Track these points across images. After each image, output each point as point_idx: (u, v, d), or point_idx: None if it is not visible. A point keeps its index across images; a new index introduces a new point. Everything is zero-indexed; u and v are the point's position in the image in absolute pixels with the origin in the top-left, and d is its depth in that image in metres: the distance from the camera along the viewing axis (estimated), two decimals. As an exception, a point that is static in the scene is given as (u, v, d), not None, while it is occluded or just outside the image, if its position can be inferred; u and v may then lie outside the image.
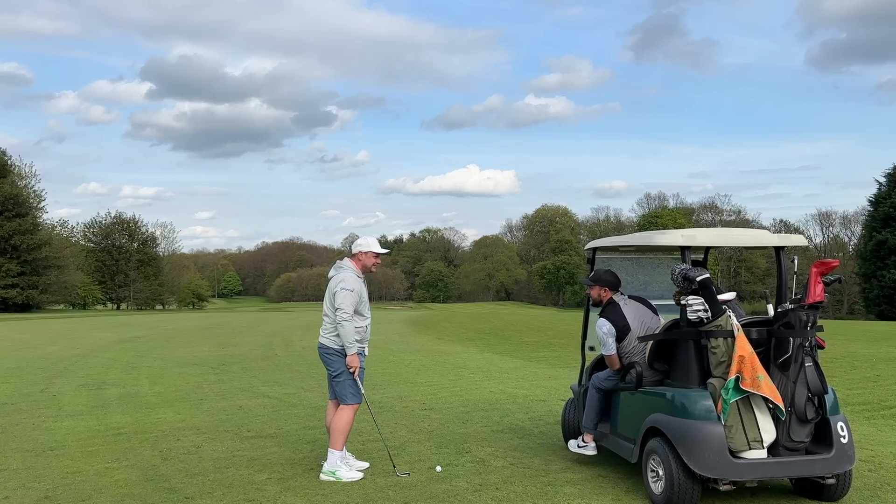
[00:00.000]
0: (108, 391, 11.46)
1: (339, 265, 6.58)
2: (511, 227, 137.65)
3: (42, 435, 8.16)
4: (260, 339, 22.94)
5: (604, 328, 6.25)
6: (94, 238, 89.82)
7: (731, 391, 5.21)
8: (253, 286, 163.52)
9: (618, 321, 6.24)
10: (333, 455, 6.37)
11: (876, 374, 13.28)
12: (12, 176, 69.04)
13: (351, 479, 6.25)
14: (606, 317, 6.30)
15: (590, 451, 6.58)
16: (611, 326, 6.22)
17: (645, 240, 6.48)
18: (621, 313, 6.29)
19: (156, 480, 6.29)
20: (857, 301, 66.52)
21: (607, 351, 6.26)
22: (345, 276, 6.44)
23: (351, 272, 6.50)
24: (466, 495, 5.80)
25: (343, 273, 6.47)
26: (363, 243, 6.60)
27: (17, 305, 64.36)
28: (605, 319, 6.29)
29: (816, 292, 5.50)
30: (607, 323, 6.25)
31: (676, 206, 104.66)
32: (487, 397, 10.74)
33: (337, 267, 6.58)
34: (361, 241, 6.64)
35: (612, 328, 6.21)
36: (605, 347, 6.25)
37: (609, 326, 6.23)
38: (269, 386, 12.01)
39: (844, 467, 5.39)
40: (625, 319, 6.25)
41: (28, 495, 5.89)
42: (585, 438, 6.61)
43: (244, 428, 8.49)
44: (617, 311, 6.31)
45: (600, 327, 6.28)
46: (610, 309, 6.37)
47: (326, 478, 6.28)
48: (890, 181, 55.59)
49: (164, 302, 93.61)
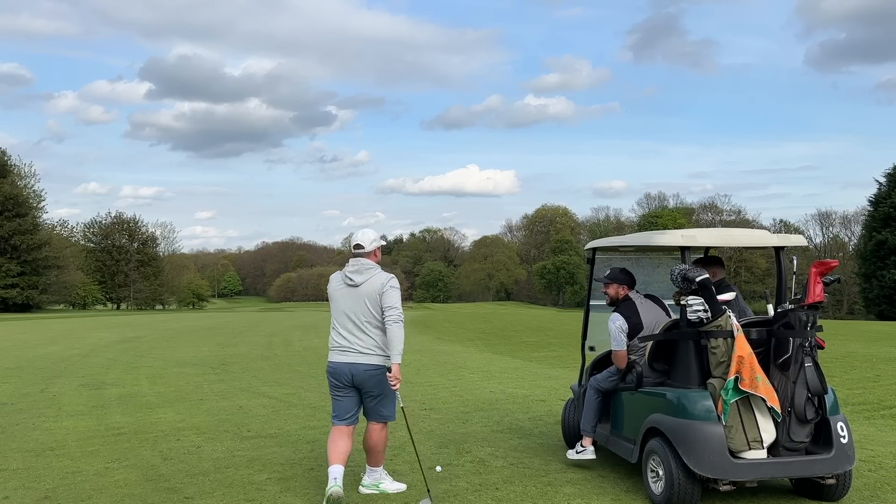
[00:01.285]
0: (108, 391, 11.46)
1: (366, 265, 5.72)
2: (511, 227, 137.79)
3: (42, 435, 8.16)
4: (260, 339, 22.94)
5: (616, 322, 6.19)
6: (94, 238, 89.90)
7: (731, 391, 5.21)
8: (253, 286, 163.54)
9: (632, 318, 6.19)
10: (376, 471, 6.01)
11: (876, 374, 13.28)
12: (12, 176, 69.12)
13: (397, 490, 5.94)
14: (621, 312, 6.24)
15: (588, 456, 6.47)
16: (624, 322, 6.17)
17: (645, 240, 6.48)
18: (636, 310, 6.23)
19: (156, 480, 6.28)
20: (856, 301, 66.50)
21: (617, 346, 6.18)
22: (389, 274, 5.72)
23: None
24: (466, 495, 5.80)
25: (383, 272, 5.73)
26: (376, 237, 5.86)
27: (17, 305, 64.40)
28: (618, 314, 6.23)
29: (816, 292, 5.50)
30: (620, 318, 6.19)
31: (676, 206, 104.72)
32: (487, 397, 10.74)
33: (365, 268, 5.70)
34: (372, 234, 5.84)
35: (625, 324, 6.17)
36: (616, 342, 6.18)
37: (622, 322, 6.18)
38: (269, 386, 12.02)
39: (844, 467, 5.39)
40: (638, 317, 6.20)
41: (28, 495, 5.89)
42: (584, 442, 6.52)
43: (244, 428, 8.49)
44: (632, 308, 6.25)
45: (613, 321, 6.22)
46: (625, 305, 6.30)
47: (369, 491, 5.92)
48: (890, 181, 55.58)
49: (164, 302, 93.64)
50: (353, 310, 5.67)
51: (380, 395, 5.76)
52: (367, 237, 5.81)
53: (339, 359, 5.72)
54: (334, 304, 5.80)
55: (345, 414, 5.82)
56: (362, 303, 5.65)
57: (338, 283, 5.82)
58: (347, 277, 5.72)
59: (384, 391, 5.75)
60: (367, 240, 5.80)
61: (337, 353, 5.74)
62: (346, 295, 5.73)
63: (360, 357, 5.65)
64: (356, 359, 5.66)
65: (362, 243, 5.78)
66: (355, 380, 5.67)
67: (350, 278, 5.70)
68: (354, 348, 5.65)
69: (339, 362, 5.71)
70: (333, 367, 5.76)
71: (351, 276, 5.70)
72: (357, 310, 5.67)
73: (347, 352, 5.67)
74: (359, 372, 5.65)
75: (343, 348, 5.70)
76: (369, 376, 5.66)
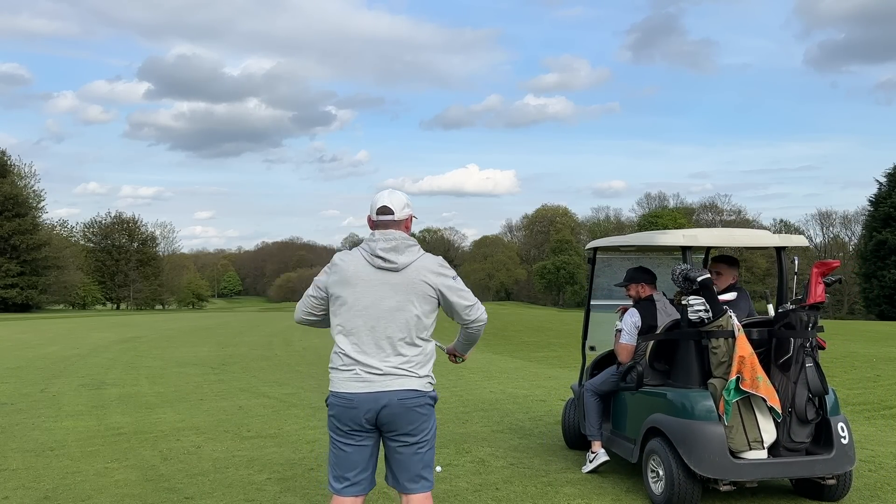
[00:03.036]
0: (108, 391, 11.46)
1: (405, 240, 3.69)
2: (511, 226, 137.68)
3: (42, 435, 8.15)
4: (260, 339, 22.94)
5: (633, 318, 6.14)
6: (93, 238, 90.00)
7: (733, 392, 5.21)
8: (253, 286, 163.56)
9: (648, 318, 6.15)
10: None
11: (876, 374, 13.27)
12: (12, 176, 69.20)
13: None
14: (640, 310, 6.20)
15: (602, 459, 6.33)
16: (640, 319, 6.13)
17: (646, 240, 6.48)
18: (654, 312, 6.18)
19: (155, 480, 6.28)
20: (857, 301, 66.52)
21: (626, 340, 6.14)
22: (436, 256, 3.78)
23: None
24: (466, 495, 5.80)
25: (434, 256, 3.77)
26: (409, 202, 3.82)
27: (16, 305, 64.45)
28: (636, 311, 6.19)
29: (817, 293, 5.49)
30: (638, 315, 6.16)
31: (676, 206, 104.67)
32: (487, 397, 10.74)
33: (405, 244, 3.67)
34: (403, 196, 3.82)
35: (640, 322, 6.13)
36: (626, 335, 6.14)
37: (638, 318, 6.14)
38: (269, 386, 12.01)
39: (845, 468, 5.38)
40: (655, 319, 6.13)
41: (28, 495, 5.88)
42: (594, 448, 6.42)
43: (244, 428, 8.49)
44: (651, 310, 6.20)
45: (630, 315, 6.18)
46: (646, 304, 6.25)
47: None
48: (890, 181, 55.61)
49: (164, 302, 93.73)
50: (388, 307, 3.60)
51: (422, 440, 3.63)
52: (399, 200, 3.77)
53: (355, 388, 3.57)
54: (351, 298, 3.64)
55: (356, 473, 3.65)
56: (404, 297, 3.62)
57: (360, 265, 3.66)
58: (379, 257, 3.62)
59: (429, 433, 3.66)
60: (398, 203, 3.75)
61: (351, 379, 3.59)
62: (377, 284, 3.63)
63: (393, 381, 3.57)
64: (387, 384, 3.56)
65: (392, 206, 3.74)
66: (382, 416, 3.56)
67: (385, 258, 3.62)
68: (381, 369, 3.56)
69: (357, 393, 3.56)
70: (346, 401, 3.58)
71: (386, 255, 3.62)
72: (394, 307, 3.61)
73: (373, 374, 3.56)
74: (392, 403, 3.54)
75: (363, 369, 3.57)
76: (407, 408, 3.56)
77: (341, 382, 3.61)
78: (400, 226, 3.75)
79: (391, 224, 3.74)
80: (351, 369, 3.59)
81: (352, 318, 3.63)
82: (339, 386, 3.61)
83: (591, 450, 6.46)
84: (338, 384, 3.63)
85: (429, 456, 3.68)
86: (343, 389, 3.59)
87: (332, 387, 3.66)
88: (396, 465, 3.64)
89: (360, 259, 3.68)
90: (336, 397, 3.62)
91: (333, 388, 3.65)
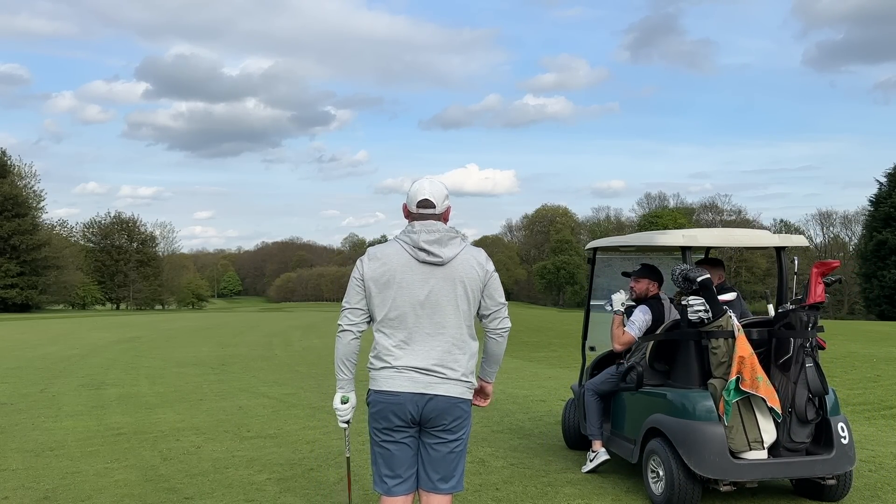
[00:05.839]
0: (108, 391, 11.46)
1: (448, 232, 3.57)
2: (511, 227, 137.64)
3: (42, 435, 8.15)
4: (260, 339, 22.94)
5: (647, 315, 6.13)
6: (93, 238, 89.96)
7: (733, 392, 5.20)
8: (253, 286, 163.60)
9: (658, 319, 6.15)
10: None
11: (876, 374, 13.26)
12: (12, 176, 69.20)
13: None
14: (650, 307, 6.19)
15: (602, 458, 6.33)
16: (650, 317, 6.13)
17: (646, 240, 6.47)
18: (662, 311, 6.20)
19: (155, 481, 6.28)
20: (857, 301, 66.52)
21: (632, 331, 6.11)
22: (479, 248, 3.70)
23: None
24: (466, 495, 5.79)
25: (477, 247, 3.70)
26: (448, 193, 3.72)
27: (16, 305, 64.47)
28: (647, 307, 6.19)
29: (817, 293, 5.49)
30: (649, 311, 6.16)
31: (676, 206, 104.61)
32: (487, 397, 10.71)
33: (448, 236, 3.55)
34: (444, 188, 3.69)
35: (650, 319, 6.13)
36: (632, 328, 6.12)
37: (649, 316, 6.14)
38: (269, 386, 12.01)
39: (845, 468, 5.38)
40: (663, 319, 6.16)
41: (28, 495, 5.88)
42: (594, 447, 6.42)
43: (244, 428, 8.48)
44: (660, 310, 6.21)
45: (642, 311, 6.17)
46: (656, 302, 6.26)
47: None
48: (890, 181, 55.59)
49: (164, 302, 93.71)
50: (434, 303, 3.49)
51: (460, 438, 3.63)
52: (440, 192, 3.64)
53: (402, 386, 3.49)
54: (395, 293, 3.51)
55: (405, 469, 3.60)
56: (451, 292, 3.51)
57: (402, 259, 3.53)
58: (423, 250, 3.50)
59: (466, 432, 3.67)
60: (439, 195, 3.62)
61: (400, 378, 3.50)
62: (421, 279, 3.50)
63: (443, 386, 3.50)
64: (438, 388, 3.49)
65: (433, 199, 3.61)
66: (427, 411, 3.50)
67: (430, 250, 3.50)
68: (435, 371, 3.49)
69: (403, 392, 3.48)
70: (391, 400, 3.51)
71: (430, 247, 3.50)
72: (445, 303, 3.50)
73: (427, 375, 3.48)
74: (437, 398, 3.50)
75: (408, 367, 3.49)
76: (452, 404, 3.55)
77: (384, 381, 3.52)
78: (440, 218, 3.64)
79: (431, 217, 3.61)
80: (395, 367, 3.50)
81: (395, 314, 3.51)
82: (383, 384, 3.53)
83: (591, 449, 6.48)
84: (381, 382, 3.53)
85: (462, 457, 3.67)
86: (387, 388, 3.51)
87: (374, 385, 3.56)
88: (430, 462, 3.59)
89: (401, 252, 3.54)
90: (379, 394, 3.54)
91: (375, 387, 3.56)
